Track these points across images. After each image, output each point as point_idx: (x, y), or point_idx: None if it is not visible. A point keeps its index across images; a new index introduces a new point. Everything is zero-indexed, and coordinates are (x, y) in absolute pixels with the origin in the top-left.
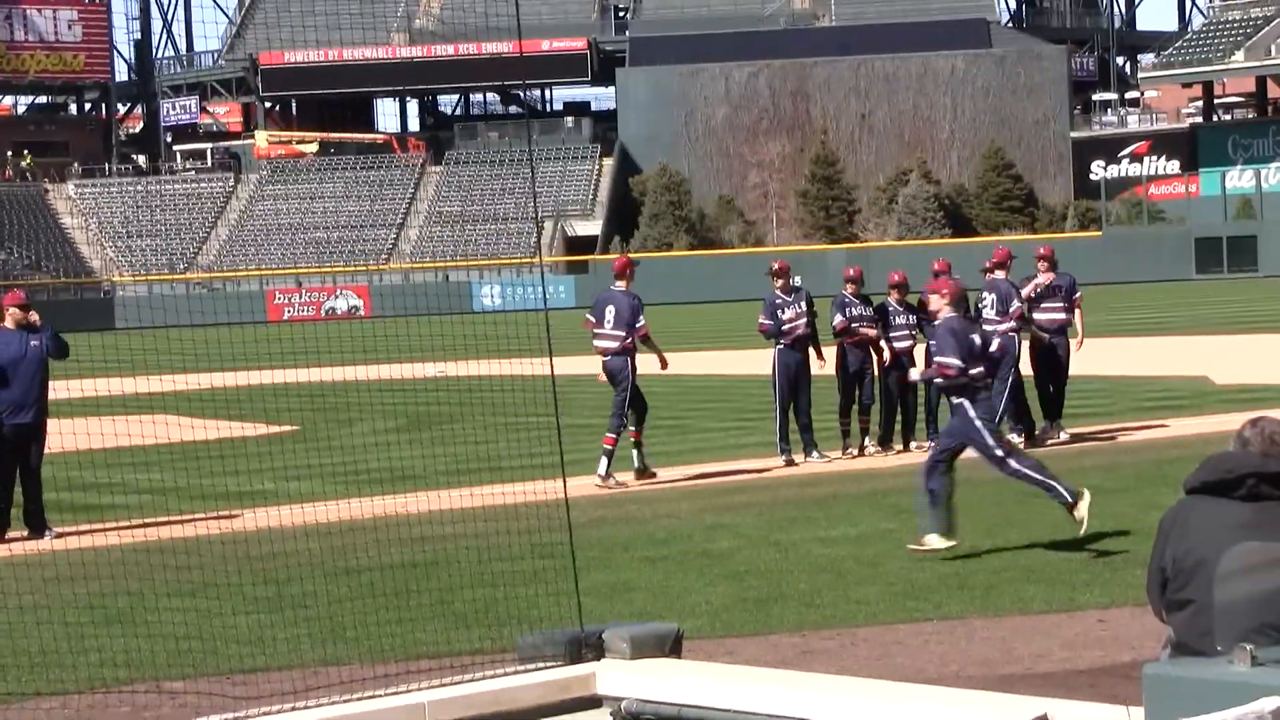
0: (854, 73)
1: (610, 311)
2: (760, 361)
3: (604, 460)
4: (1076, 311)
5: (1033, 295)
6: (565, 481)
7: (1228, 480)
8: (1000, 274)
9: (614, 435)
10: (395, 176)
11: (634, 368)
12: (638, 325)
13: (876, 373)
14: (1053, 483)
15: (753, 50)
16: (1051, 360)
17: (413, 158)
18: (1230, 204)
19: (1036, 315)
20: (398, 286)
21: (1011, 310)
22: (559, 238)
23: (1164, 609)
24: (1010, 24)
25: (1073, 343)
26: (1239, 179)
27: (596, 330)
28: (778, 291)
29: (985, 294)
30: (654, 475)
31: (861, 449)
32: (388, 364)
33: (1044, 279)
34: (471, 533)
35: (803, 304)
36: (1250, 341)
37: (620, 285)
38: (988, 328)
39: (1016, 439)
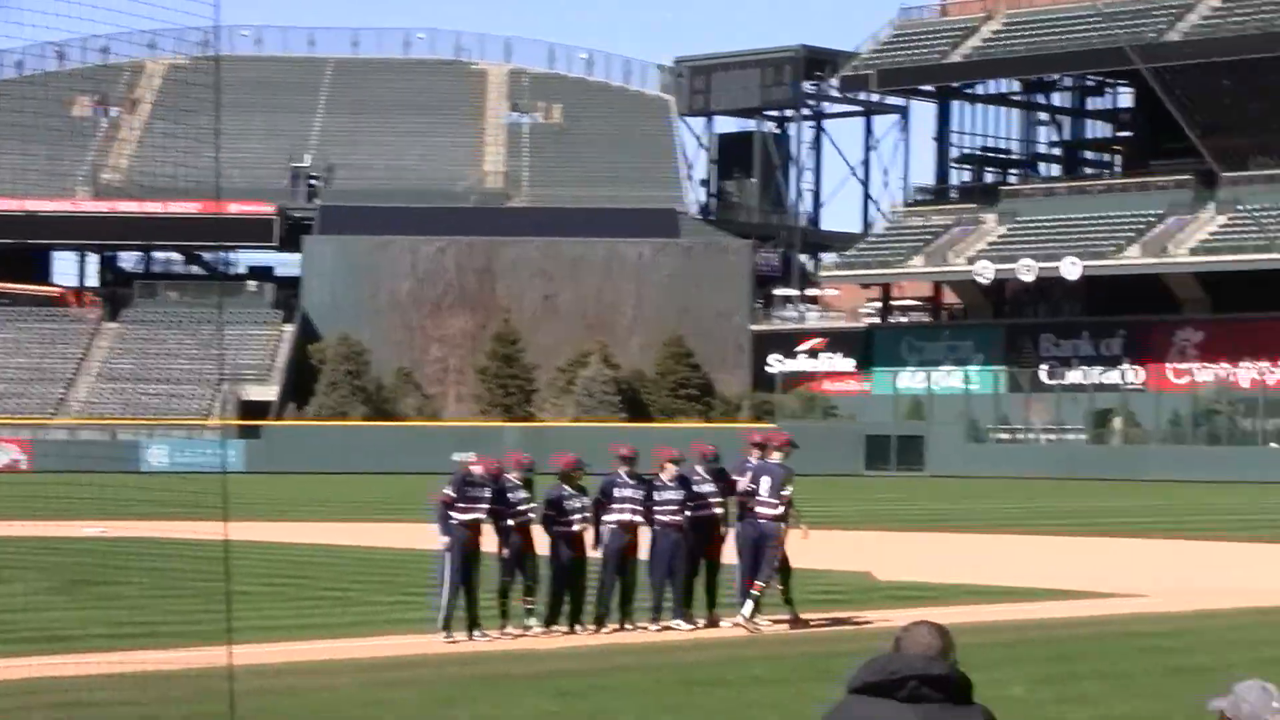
0: (541, 254)
1: (766, 481)
2: (432, 536)
3: (749, 603)
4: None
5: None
6: (231, 650)
7: (890, 681)
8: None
9: (763, 584)
10: (68, 332)
11: (785, 530)
12: (783, 493)
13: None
14: None
15: (442, 226)
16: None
17: (86, 313)
18: (901, 404)
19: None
20: (63, 443)
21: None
22: (233, 401)
23: None
24: (699, 216)
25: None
26: (911, 380)
27: (757, 497)
28: (471, 470)
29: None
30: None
31: (526, 628)
32: (47, 521)
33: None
34: (127, 699)
35: (488, 490)
36: (914, 539)
37: (777, 458)
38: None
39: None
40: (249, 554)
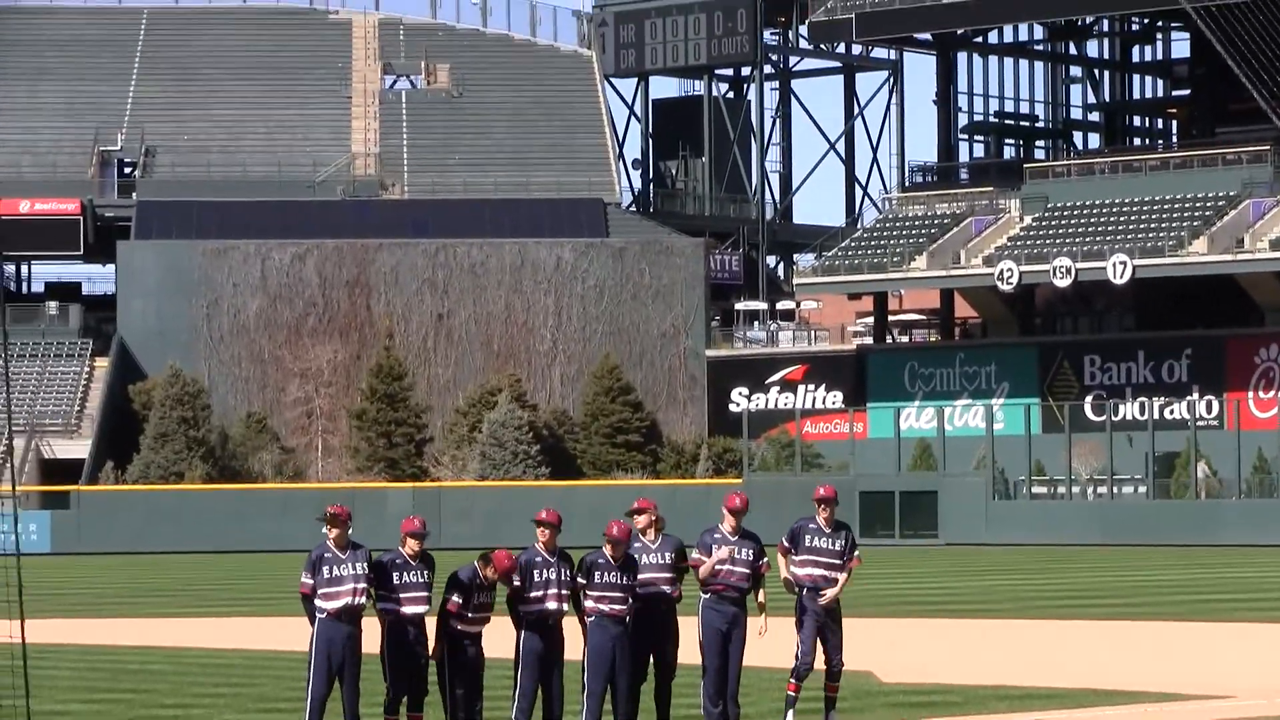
0: (430, 261)
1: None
2: (297, 634)
3: (790, 713)
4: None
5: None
6: None
7: None
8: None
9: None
10: None
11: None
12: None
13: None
14: None
15: (299, 226)
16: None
17: None
18: (905, 450)
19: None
20: None
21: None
22: (32, 461)
23: None
24: (634, 207)
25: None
26: (917, 419)
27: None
28: (331, 544)
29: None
30: None
31: None
32: None
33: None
34: None
35: (361, 565)
36: (923, 627)
37: (823, 519)
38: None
39: None
40: (58, 661)
